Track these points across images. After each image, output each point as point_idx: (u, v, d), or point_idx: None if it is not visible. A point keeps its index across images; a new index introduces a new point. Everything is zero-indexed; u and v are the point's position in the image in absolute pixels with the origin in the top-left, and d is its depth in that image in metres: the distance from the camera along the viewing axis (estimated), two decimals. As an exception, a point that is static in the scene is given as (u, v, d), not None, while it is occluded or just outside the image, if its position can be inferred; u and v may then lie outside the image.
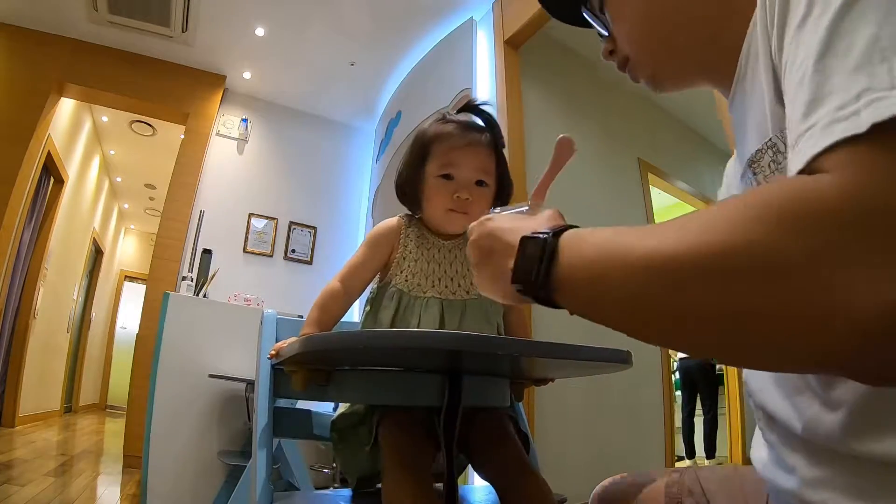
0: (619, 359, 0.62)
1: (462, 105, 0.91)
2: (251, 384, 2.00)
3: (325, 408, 1.55)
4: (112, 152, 5.32)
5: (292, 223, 3.76)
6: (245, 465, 1.81)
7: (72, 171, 4.29)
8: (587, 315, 0.35)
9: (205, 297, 2.58)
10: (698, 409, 4.29)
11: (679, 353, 4.32)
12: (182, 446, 2.05)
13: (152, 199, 6.33)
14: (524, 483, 0.72)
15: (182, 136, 3.52)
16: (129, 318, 7.42)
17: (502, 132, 0.91)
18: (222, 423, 2.15)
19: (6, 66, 3.18)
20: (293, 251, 3.71)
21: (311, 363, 0.72)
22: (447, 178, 0.85)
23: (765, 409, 0.45)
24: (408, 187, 0.90)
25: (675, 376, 4.38)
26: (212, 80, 3.61)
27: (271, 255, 3.63)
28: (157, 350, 2.10)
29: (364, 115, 4.00)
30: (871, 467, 0.33)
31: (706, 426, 4.17)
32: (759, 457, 0.48)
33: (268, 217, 3.68)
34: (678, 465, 2.68)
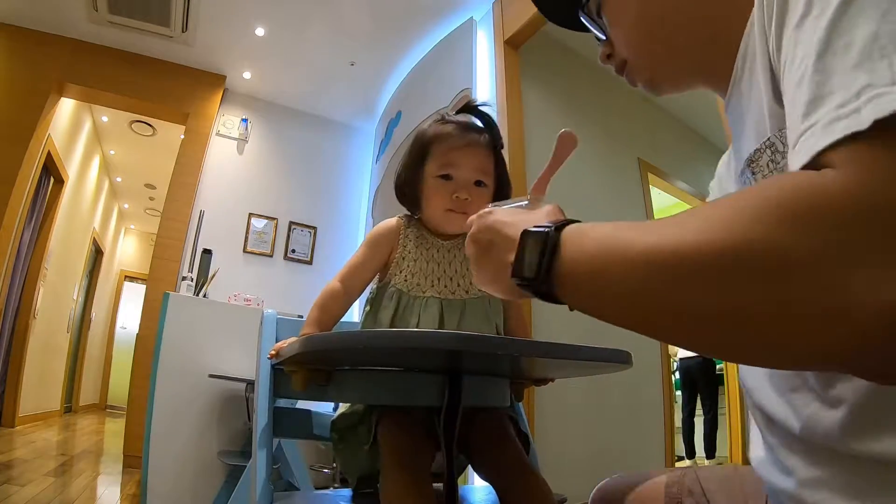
0: (619, 359, 0.62)
1: (461, 106, 0.92)
2: (251, 384, 2.00)
3: (325, 408, 1.55)
4: (112, 152, 5.32)
5: (292, 223, 3.76)
6: (245, 465, 1.81)
7: (72, 171, 4.29)
8: (588, 310, 0.35)
9: (205, 297, 2.58)
10: (698, 409, 4.29)
11: (679, 352, 4.31)
12: (182, 446, 2.05)
13: (152, 199, 6.33)
14: (524, 483, 0.72)
15: (182, 136, 3.52)
16: (129, 318, 7.42)
17: (502, 132, 0.92)
18: (222, 423, 2.15)
19: (6, 66, 3.18)
20: (293, 251, 3.71)
21: (311, 363, 0.72)
22: (446, 178, 0.85)
23: (762, 409, 0.45)
24: (407, 188, 0.90)
25: (676, 376, 4.37)
26: (212, 80, 3.61)
27: (271, 255, 3.63)
28: (157, 350, 2.10)
29: (364, 115, 4.00)
30: (870, 466, 0.33)
31: (706, 426, 4.17)
32: (756, 457, 0.48)
33: (268, 217, 3.68)
34: (678, 465, 2.69)
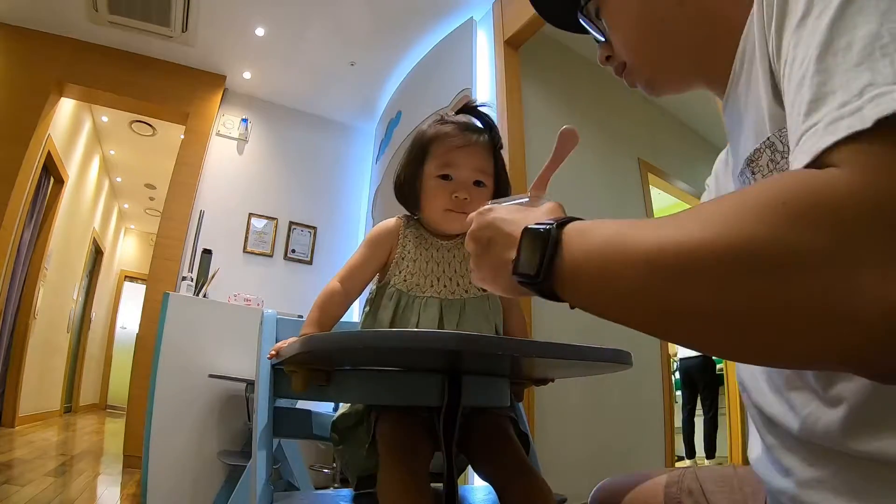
0: (619, 359, 0.62)
1: (461, 106, 0.92)
2: (251, 384, 2.00)
3: (325, 408, 1.55)
4: (112, 152, 5.32)
5: (292, 223, 3.76)
6: (245, 465, 1.81)
7: (72, 171, 4.29)
8: (589, 308, 0.35)
9: (205, 297, 2.58)
10: (698, 409, 4.29)
11: (679, 352, 4.31)
12: (182, 446, 2.05)
13: (152, 199, 6.33)
14: (524, 483, 0.72)
15: (182, 136, 3.52)
16: (129, 318, 7.42)
17: (502, 133, 0.92)
18: (222, 423, 2.15)
19: (6, 66, 3.18)
20: (293, 251, 3.71)
21: (311, 363, 0.72)
22: (445, 178, 0.86)
23: (760, 409, 0.44)
24: (406, 188, 0.90)
25: (676, 376, 4.37)
26: (212, 80, 3.61)
27: (271, 255, 3.63)
28: (157, 350, 2.10)
29: (364, 115, 4.00)
30: (868, 466, 0.33)
31: (706, 426, 4.17)
32: (755, 457, 0.48)
33: (268, 217, 3.68)
34: (678, 465, 2.68)
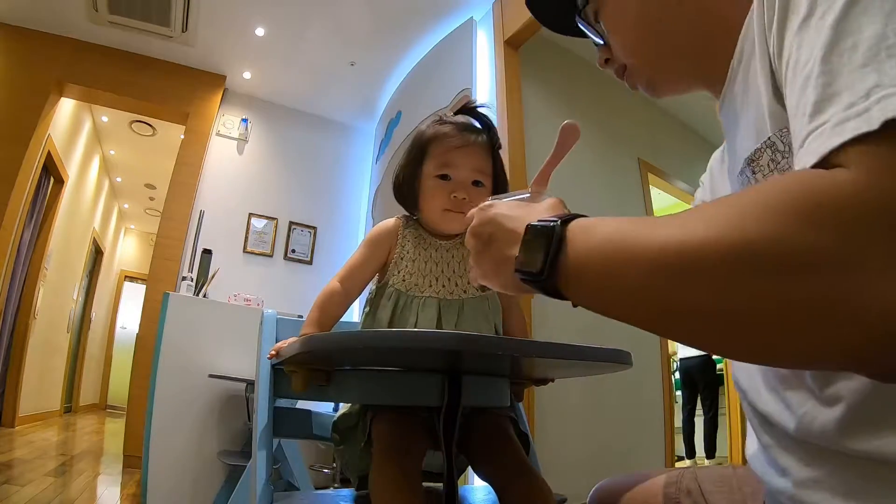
0: (619, 359, 0.61)
1: (460, 107, 0.92)
2: (251, 384, 2.00)
3: (325, 408, 1.55)
4: (112, 152, 5.32)
5: (292, 223, 3.76)
6: (245, 465, 1.81)
7: (72, 171, 4.29)
8: (592, 306, 0.35)
9: (205, 297, 2.58)
10: (699, 409, 4.29)
11: (679, 352, 4.31)
12: (182, 446, 2.05)
13: (152, 199, 6.33)
14: (524, 483, 0.72)
15: (182, 136, 3.52)
16: (129, 318, 7.42)
17: (502, 133, 0.92)
18: (222, 423, 2.15)
19: (6, 66, 3.18)
20: (293, 251, 3.71)
21: (311, 363, 0.72)
22: (444, 178, 0.86)
23: (756, 409, 0.44)
24: (405, 188, 0.90)
25: (676, 376, 4.37)
26: (212, 80, 3.61)
27: (271, 255, 3.63)
28: (157, 350, 2.10)
29: (364, 115, 4.00)
30: (865, 465, 0.33)
31: (706, 426, 4.17)
32: (752, 457, 0.48)
33: (268, 217, 3.68)
34: (678, 465, 2.68)
